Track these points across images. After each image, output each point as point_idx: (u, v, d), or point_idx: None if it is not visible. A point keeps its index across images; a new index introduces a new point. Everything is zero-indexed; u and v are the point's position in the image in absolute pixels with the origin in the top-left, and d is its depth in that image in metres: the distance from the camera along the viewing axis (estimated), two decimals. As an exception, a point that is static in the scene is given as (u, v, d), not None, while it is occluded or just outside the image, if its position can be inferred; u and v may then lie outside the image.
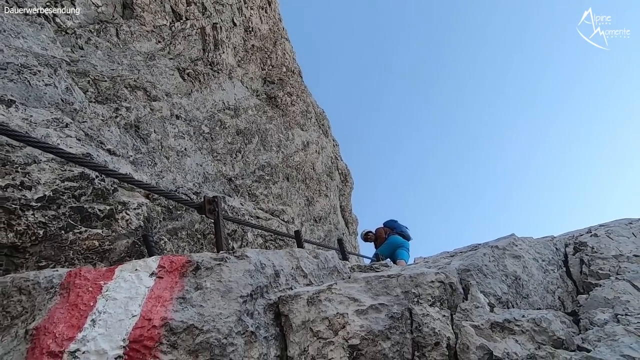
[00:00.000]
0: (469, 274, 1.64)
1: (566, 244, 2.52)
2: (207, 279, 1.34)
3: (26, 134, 1.69)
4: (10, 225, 2.06)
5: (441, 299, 1.42)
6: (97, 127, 3.19)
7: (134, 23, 6.07)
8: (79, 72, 3.84)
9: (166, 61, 6.26)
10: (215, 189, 4.95)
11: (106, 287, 1.27)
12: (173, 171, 4.11)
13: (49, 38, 4.24)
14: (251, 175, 6.19)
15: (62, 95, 3.01)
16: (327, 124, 11.59)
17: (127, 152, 3.41)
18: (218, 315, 1.23)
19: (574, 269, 2.20)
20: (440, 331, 1.29)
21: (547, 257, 2.13)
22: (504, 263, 1.83)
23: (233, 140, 6.27)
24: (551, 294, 1.93)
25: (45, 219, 2.23)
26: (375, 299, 1.38)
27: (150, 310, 1.21)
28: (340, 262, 2.00)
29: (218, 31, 8.07)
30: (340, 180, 11.31)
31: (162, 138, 4.17)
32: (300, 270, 1.69)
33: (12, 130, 1.40)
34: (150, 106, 4.31)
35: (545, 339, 1.25)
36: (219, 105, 6.79)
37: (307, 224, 7.59)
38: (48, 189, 2.29)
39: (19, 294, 1.24)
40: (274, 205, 6.14)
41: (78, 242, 2.44)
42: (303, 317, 1.36)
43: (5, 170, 2.13)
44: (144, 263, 1.38)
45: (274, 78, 9.82)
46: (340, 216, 10.52)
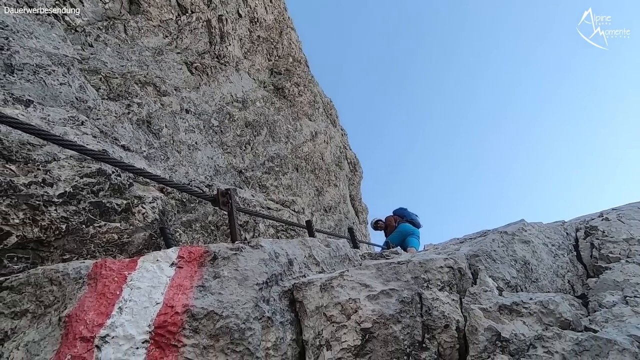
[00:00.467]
0: (477, 259, 1.68)
1: (577, 229, 2.52)
2: (224, 268, 1.41)
3: (49, 132, 1.77)
4: (35, 221, 2.15)
5: (450, 284, 1.46)
6: (111, 124, 3.27)
7: (141, 18, 6.11)
8: (91, 70, 3.91)
9: (174, 55, 6.30)
10: (227, 182, 5.03)
11: (130, 277, 1.34)
12: (185, 165, 4.19)
13: (59, 37, 4.32)
14: (261, 167, 6.25)
15: (76, 94, 3.09)
16: (334, 114, 11.55)
17: (140, 147, 3.50)
18: (236, 302, 1.29)
19: (585, 253, 2.21)
20: (449, 314, 1.34)
21: (557, 241, 2.15)
22: (513, 248, 1.86)
23: (242, 133, 6.33)
24: (561, 278, 1.96)
25: (67, 214, 2.33)
26: (386, 284, 1.42)
27: (172, 298, 1.28)
28: (351, 250, 2.06)
29: (224, 23, 8.06)
30: (350, 169, 11.32)
31: (173, 132, 4.24)
32: (313, 259, 1.74)
33: (39, 129, 1.46)
34: (161, 101, 4.37)
35: (552, 320, 1.28)
36: (227, 98, 6.83)
37: (318, 214, 7.66)
38: (68, 185, 2.38)
39: (50, 284, 1.33)
40: (284, 196, 6.21)
41: (98, 236, 2.54)
42: (317, 303, 1.42)
43: (27, 168, 2.22)
44: (164, 254, 1.45)
45: (280, 69, 9.80)
46: (350, 205, 10.56)
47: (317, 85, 11.15)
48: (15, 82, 2.62)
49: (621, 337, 1.17)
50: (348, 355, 1.26)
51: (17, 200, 2.09)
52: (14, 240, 2.06)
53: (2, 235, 2.01)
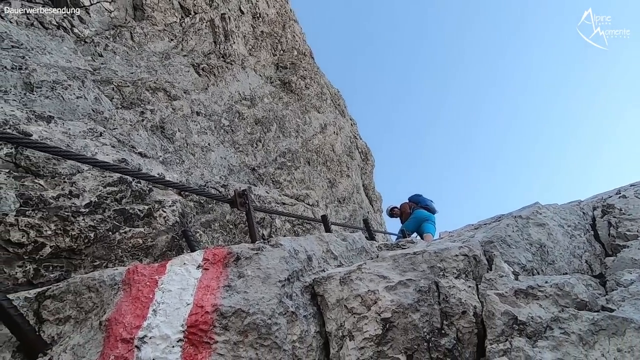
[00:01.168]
0: (492, 246, 1.71)
1: (594, 207, 2.51)
2: (247, 267, 1.48)
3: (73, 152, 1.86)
4: (65, 231, 2.28)
5: (466, 271, 1.50)
6: (127, 132, 3.38)
7: (146, 24, 6.20)
8: (103, 80, 4.02)
9: (181, 58, 6.39)
10: (241, 180, 5.13)
11: (161, 280, 1.42)
12: (200, 166, 4.30)
13: (70, 49, 4.44)
14: (273, 163, 6.33)
15: (92, 106, 3.20)
16: (343, 104, 11.51)
17: (156, 153, 3.60)
18: (261, 299, 1.37)
19: (602, 231, 2.21)
20: (466, 301, 1.38)
21: (573, 222, 2.15)
22: (528, 232, 1.88)
23: (252, 130, 6.41)
24: (578, 258, 1.97)
25: (94, 222, 2.45)
26: (403, 275, 1.47)
27: (202, 299, 1.36)
28: (367, 243, 2.11)
29: (227, 21, 8.09)
30: (361, 159, 11.31)
31: (186, 136, 4.34)
32: (331, 253, 1.80)
33: (65, 151, 1.55)
34: (172, 106, 4.47)
35: (568, 302, 1.31)
36: (236, 97, 6.90)
37: (332, 206, 7.73)
38: (93, 195, 2.50)
39: (89, 291, 1.43)
40: (298, 190, 6.28)
41: (124, 241, 2.66)
42: (337, 296, 1.48)
43: (54, 182, 2.34)
44: (190, 257, 1.53)
45: (286, 63, 9.80)
46: (364, 195, 10.59)
47: (323, 77, 11.11)
48: (36, 99, 2.73)
49: (638, 315, 1.20)
50: (370, 344, 1.32)
51: (48, 213, 2.21)
52: (48, 250, 2.19)
53: (38, 247, 2.14)
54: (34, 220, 2.11)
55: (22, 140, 1.43)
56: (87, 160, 1.67)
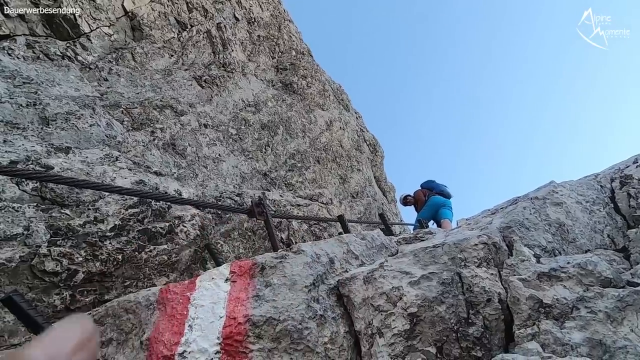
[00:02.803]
0: (510, 231, 1.72)
1: (612, 179, 2.48)
2: (273, 276, 1.53)
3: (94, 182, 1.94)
4: (95, 256, 2.38)
5: (487, 259, 1.52)
6: (141, 154, 3.48)
7: (145, 43, 6.30)
8: (111, 105, 4.13)
9: (182, 73, 6.48)
10: (254, 186, 5.20)
11: (192, 297, 1.49)
12: (213, 178, 4.38)
13: (76, 77, 4.57)
14: (284, 166, 6.39)
15: (105, 132, 3.30)
16: (346, 98, 11.49)
17: (170, 170, 3.69)
18: (290, 306, 1.42)
19: (622, 203, 2.19)
20: (490, 288, 1.41)
21: (590, 197, 2.14)
22: (545, 212, 1.88)
23: (260, 136, 6.47)
24: (600, 234, 1.96)
25: (120, 244, 2.55)
26: (425, 269, 1.50)
27: (233, 310, 1.42)
28: (386, 239, 2.14)
29: (223, 30, 8.15)
30: (370, 151, 11.29)
31: (196, 150, 4.43)
32: (351, 254, 1.84)
33: (87, 181, 1.62)
34: (180, 122, 4.56)
35: (592, 280, 1.32)
36: (240, 105, 6.97)
37: (346, 202, 7.75)
38: (116, 218, 2.59)
39: (126, 313, 1.50)
40: (310, 190, 6.33)
41: (150, 260, 2.75)
42: (362, 295, 1.52)
43: (79, 210, 2.44)
44: (217, 272, 1.59)
45: (285, 64, 9.83)
46: (377, 187, 10.58)
47: (324, 74, 11.10)
48: (52, 132, 2.84)
49: (664, 287, 1.20)
50: (400, 340, 1.35)
51: (77, 241, 2.31)
52: (81, 276, 2.29)
53: (71, 274, 2.24)
54: (65, 249, 2.21)
55: (45, 176, 1.50)
56: (112, 189, 1.74)
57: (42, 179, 1.95)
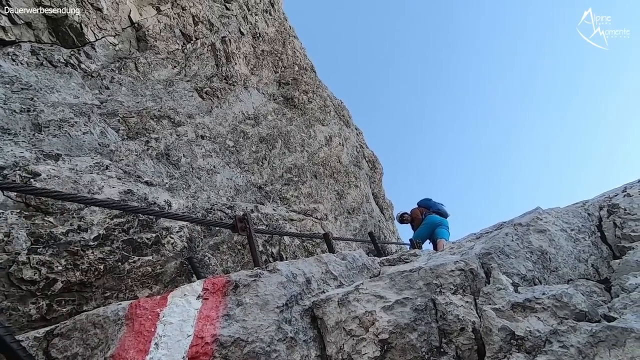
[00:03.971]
0: (490, 257, 1.69)
1: (600, 207, 2.46)
2: (245, 295, 1.51)
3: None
4: (76, 265, 2.35)
5: (463, 286, 1.50)
6: (133, 163, 3.49)
7: (150, 54, 6.41)
8: (109, 113, 4.17)
9: (184, 84, 6.56)
10: (248, 199, 5.19)
11: (162, 313, 1.46)
12: (206, 189, 4.38)
13: (78, 85, 4.63)
14: (280, 180, 6.39)
15: (98, 140, 3.32)
16: (347, 114, 11.58)
17: (162, 180, 3.70)
18: (259, 327, 1.39)
19: (609, 232, 2.16)
20: (464, 317, 1.38)
21: (576, 225, 2.12)
22: (528, 239, 1.86)
23: (257, 149, 6.50)
24: (584, 263, 1.93)
25: (103, 254, 2.53)
26: (400, 294, 1.48)
27: (202, 330, 1.39)
28: (369, 259, 2.11)
29: (227, 44, 8.29)
30: (369, 167, 11.31)
31: (191, 161, 4.44)
32: (330, 274, 1.82)
33: (67, 194, 1.62)
34: (177, 132, 4.59)
35: (567, 313, 1.29)
36: (239, 117, 7.03)
37: (341, 218, 7.72)
38: (101, 227, 2.58)
39: (94, 327, 1.47)
40: (305, 205, 6.31)
41: (134, 271, 2.73)
42: (336, 318, 1.49)
43: (63, 218, 2.43)
44: (190, 288, 1.57)
45: (287, 79, 9.95)
46: (374, 204, 10.55)
47: (326, 90, 11.22)
48: (44, 139, 2.86)
49: (638, 324, 1.17)
50: (370, 367, 1.32)
51: (58, 249, 2.30)
52: (59, 285, 2.26)
53: (49, 283, 2.22)
54: (45, 257, 2.19)
55: (22, 188, 1.50)
56: (87, 201, 1.74)
57: (21, 191, 1.95)
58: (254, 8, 10.52)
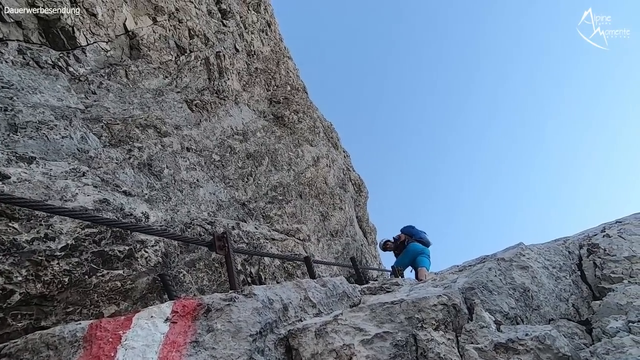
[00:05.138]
0: (473, 293, 1.66)
1: (580, 245, 2.48)
2: (217, 320, 1.42)
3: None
4: (38, 277, 2.20)
5: (445, 322, 1.45)
6: (112, 171, 3.37)
7: (142, 62, 6.35)
8: (93, 119, 4.06)
9: (174, 95, 6.50)
10: (230, 215, 5.07)
11: (125, 336, 1.35)
12: (187, 203, 4.26)
13: (63, 87, 4.51)
14: (264, 197, 6.30)
15: (77, 145, 3.20)
16: (336, 136, 11.69)
17: (142, 190, 3.57)
18: (229, 357, 1.30)
19: (589, 272, 2.17)
20: (445, 355, 1.32)
21: (558, 263, 2.12)
22: (511, 275, 1.84)
23: (244, 165, 6.42)
24: (564, 302, 1.92)
25: (69, 266, 2.38)
26: (380, 327, 1.41)
27: (166, 357, 1.29)
28: (349, 287, 2.05)
29: (222, 59, 8.32)
30: (354, 190, 11.33)
31: (174, 172, 4.33)
32: (309, 301, 1.74)
33: (33, 201, 1.52)
34: (162, 142, 4.49)
35: (550, 356, 1.26)
36: (228, 132, 6.97)
37: (324, 240, 7.62)
38: (70, 237, 2.44)
39: (47, 349, 1.35)
40: (288, 224, 6.21)
41: (101, 285, 2.57)
42: (312, 350, 1.41)
43: (30, 225, 2.29)
44: (158, 309, 1.47)
45: (279, 97, 10.02)
46: (358, 227, 10.50)
47: (316, 111, 11.34)
48: (19, 140, 2.74)
49: (621, 372, 1.14)
50: (344, 406, 1.24)
51: (20, 258, 2.14)
52: (17, 298, 2.10)
53: (6, 294, 2.05)
54: (4, 266, 2.04)
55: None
56: (53, 210, 1.64)
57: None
58: (250, 27, 10.68)
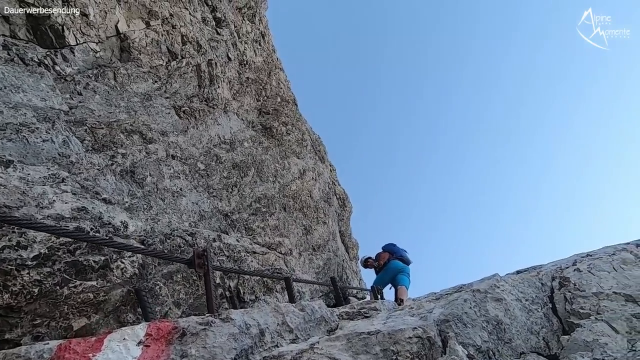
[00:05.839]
0: (447, 325, 1.69)
1: (553, 277, 2.57)
2: (192, 345, 1.40)
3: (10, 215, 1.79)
4: (5, 287, 2.12)
5: (419, 355, 1.47)
6: (93, 177, 3.29)
7: (131, 65, 6.28)
8: (77, 121, 3.98)
9: (162, 100, 6.44)
10: (212, 226, 5.00)
11: (95, 359, 1.32)
12: (169, 212, 4.19)
13: (48, 86, 4.42)
14: (247, 209, 6.26)
15: (58, 150, 3.13)
16: (323, 150, 11.76)
17: (122, 198, 3.50)
18: (202, 384, 1.28)
19: (560, 305, 2.24)
20: (418, 389, 1.34)
21: (530, 295, 2.18)
22: (485, 308, 1.88)
23: (229, 175, 6.38)
24: (535, 335, 1.97)
25: (40, 276, 2.30)
26: (356, 357, 1.42)
27: (137, 383, 1.26)
28: (327, 311, 2.05)
29: (213, 67, 8.31)
30: (339, 205, 11.37)
31: (157, 180, 4.27)
32: (286, 326, 1.74)
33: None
34: (146, 149, 4.43)
35: (518, 395, 1.29)
36: (215, 140, 6.94)
37: (306, 254, 7.59)
38: (44, 246, 2.37)
39: (11, 370, 1.30)
40: (270, 238, 6.17)
41: (73, 297, 2.50)
42: (286, 379, 1.40)
43: (2, 232, 2.21)
44: (131, 331, 1.44)
45: (269, 109, 10.05)
46: (340, 242, 10.51)
47: (305, 123, 11.41)
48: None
49: (584, 413, 1.18)
50: None
51: (-12, 267, 2.06)
52: (-19, 309, 2.01)
53: (-30, 305, 1.97)
54: (-30, 275, 1.96)
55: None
56: (21, 223, 1.60)
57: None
58: (244, 37, 10.74)
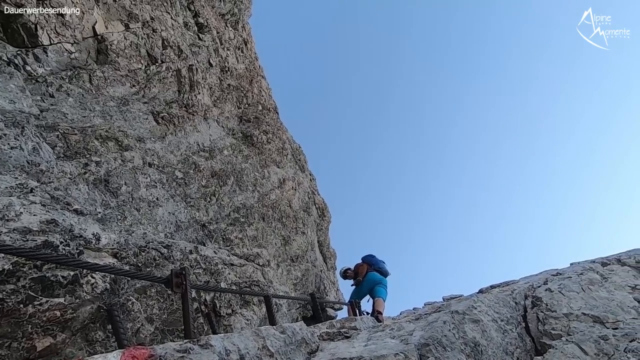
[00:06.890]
0: (428, 350, 1.71)
1: (525, 296, 2.65)
2: (169, 374, 1.35)
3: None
4: (-37, 307, 1.98)
5: (401, 381, 1.48)
6: (65, 187, 3.15)
7: (108, 68, 6.10)
8: (48, 126, 3.80)
9: (140, 105, 6.27)
10: (188, 237, 4.88)
11: (63, 392, 1.25)
12: (144, 223, 4.05)
13: (18, 87, 4.22)
14: (226, 219, 6.15)
15: (28, 157, 2.98)
16: (303, 159, 11.77)
17: (95, 209, 3.36)
18: (179, 417, 1.23)
19: (532, 324, 2.31)
20: (399, 417, 1.34)
21: (505, 316, 2.24)
22: (463, 329, 1.92)
23: (207, 184, 6.26)
24: (510, 356, 2.02)
25: (2, 294, 2.17)
26: (337, 385, 1.41)
27: (109, 417, 1.20)
28: (308, 332, 2.03)
29: (194, 73, 8.19)
30: (318, 214, 11.37)
31: (132, 190, 4.13)
32: (267, 350, 1.70)
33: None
34: (122, 157, 4.29)
35: (496, 422, 1.32)
36: (194, 148, 6.80)
37: (284, 265, 7.52)
38: (8, 262, 2.23)
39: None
40: (249, 249, 6.08)
41: (38, 315, 2.36)
42: (266, 408, 1.37)
43: (-40, 248, 2.07)
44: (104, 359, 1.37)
45: (250, 116, 9.98)
46: (319, 252, 10.49)
47: (286, 132, 11.40)
48: (-40, 149, 2.50)
49: None
50: None
51: (-55, 285, 1.92)
52: (-64, 331, 1.87)
53: None
54: None
55: None
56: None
57: None
58: (226, 43, 10.67)
